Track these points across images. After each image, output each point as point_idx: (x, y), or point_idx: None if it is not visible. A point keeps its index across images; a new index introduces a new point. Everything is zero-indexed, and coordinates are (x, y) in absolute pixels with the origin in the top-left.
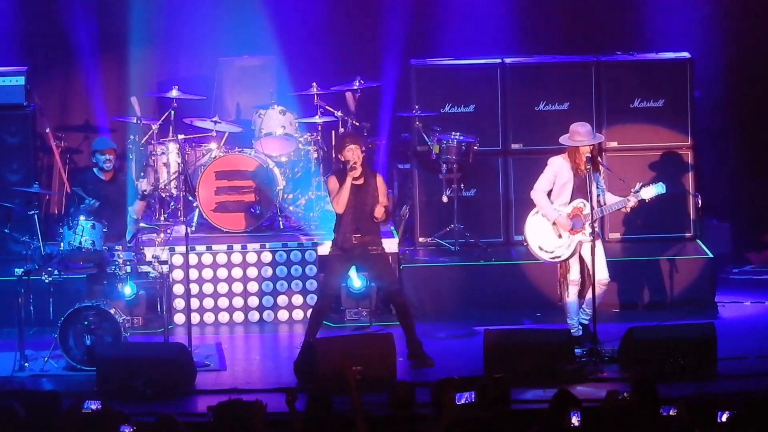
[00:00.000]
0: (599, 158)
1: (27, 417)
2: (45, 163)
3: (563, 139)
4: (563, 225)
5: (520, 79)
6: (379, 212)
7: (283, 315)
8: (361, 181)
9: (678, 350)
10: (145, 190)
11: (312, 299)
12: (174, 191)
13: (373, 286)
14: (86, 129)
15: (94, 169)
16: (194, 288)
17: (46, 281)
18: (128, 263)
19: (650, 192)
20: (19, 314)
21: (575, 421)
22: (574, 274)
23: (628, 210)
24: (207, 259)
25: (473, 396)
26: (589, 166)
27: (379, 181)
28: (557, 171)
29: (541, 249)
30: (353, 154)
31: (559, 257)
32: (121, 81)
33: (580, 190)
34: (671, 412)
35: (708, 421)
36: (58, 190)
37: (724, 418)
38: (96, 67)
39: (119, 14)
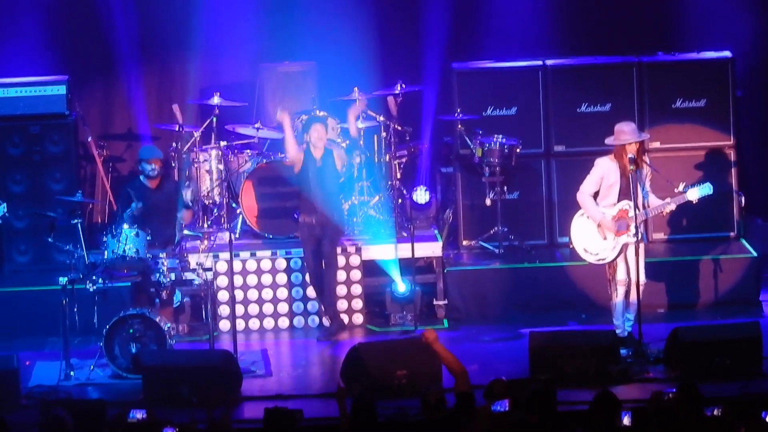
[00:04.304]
0: (645, 159)
1: (74, 426)
2: (88, 172)
3: (609, 140)
4: (608, 227)
5: (562, 81)
6: None
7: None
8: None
9: (723, 350)
10: (189, 199)
11: (357, 304)
12: (217, 198)
13: (417, 290)
14: (128, 137)
15: (140, 177)
16: (239, 294)
17: (91, 290)
18: (173, 271)
19: (696, 193)
20: (64, 323)
21: (626, 421)
22: (621, 275)
23: (668, 212)
24: (251, 265)
25: (507, 404)
26: (632, 167)
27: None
28: (604, 172)
29: (586, 251)
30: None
31: (603, 259)
32: (162, 89)
33: (627, 191)
34: (716, 412)
35: (754, 421)
36: (101, 198)
37: None
38: (137, 75)
39: (160, 22)
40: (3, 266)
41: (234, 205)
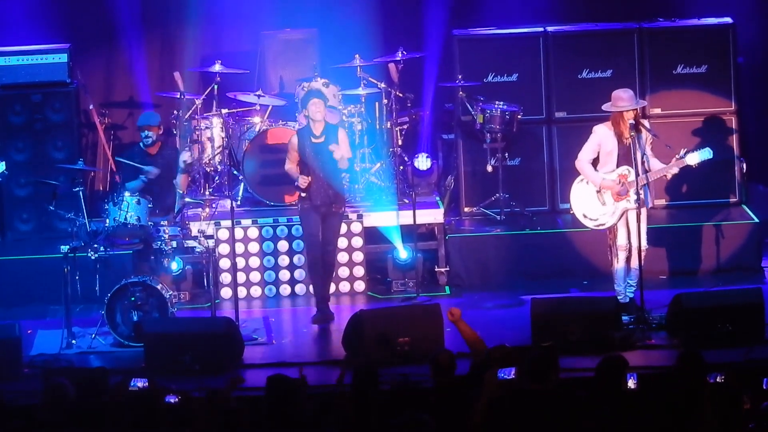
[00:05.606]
0: (645, 124)
1: (76, 394)
2: (89, 140)
3: (606, 107)
4: (610, 187)
5: (563, 48)
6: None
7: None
8: (321, 139)
9: (725, 316)
10: (185, 161)
11: (358, 271)
12: (219, 166)
13: (419, 257)
14: (130, 105)
15: (140, 144)
16: (240, 262)
17: (92, 258)
18: (174, 238)
19: (696, 158)
20: (66, 291)
21: (631, 383)
22: (622, 240)
23: (669, 176)
24: (253, 232)
25: (513, 372)
26: (632, 133)
27: (341, 134)
28: (601, 139)
29: (585, 216)
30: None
31: (603, 224)
32: (164, 56)
33: (626, 157)
34: (719, 379)
35: (757, 387)
36: (102, 166)
37: None
38: (139, 43)
39: None
40: (5, 234)
41: (235, 172)
